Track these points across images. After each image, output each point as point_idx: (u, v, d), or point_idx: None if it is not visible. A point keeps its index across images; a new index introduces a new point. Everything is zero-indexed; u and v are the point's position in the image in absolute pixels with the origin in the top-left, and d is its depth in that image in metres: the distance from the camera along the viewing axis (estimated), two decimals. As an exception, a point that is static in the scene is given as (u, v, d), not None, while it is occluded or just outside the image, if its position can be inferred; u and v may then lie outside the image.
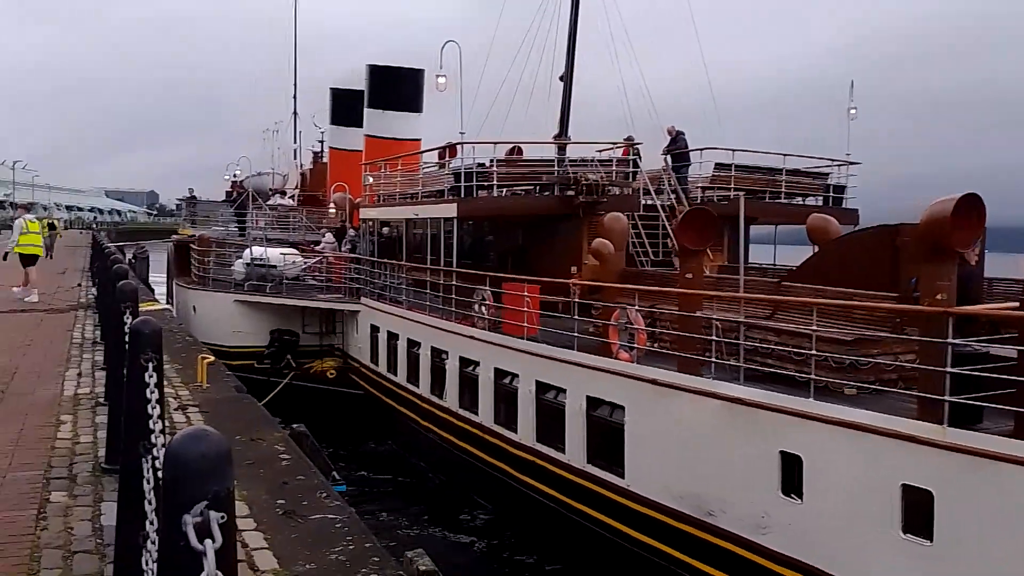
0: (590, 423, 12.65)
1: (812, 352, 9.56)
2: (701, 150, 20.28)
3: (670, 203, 19.31)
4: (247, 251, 24.99)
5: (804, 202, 21.40)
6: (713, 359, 10.69)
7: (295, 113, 51.60)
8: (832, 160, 21.18)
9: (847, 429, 8.89)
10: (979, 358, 8.39)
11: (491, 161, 18.99)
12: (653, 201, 19.44)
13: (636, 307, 12.23)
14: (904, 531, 8.40)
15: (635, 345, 12.01)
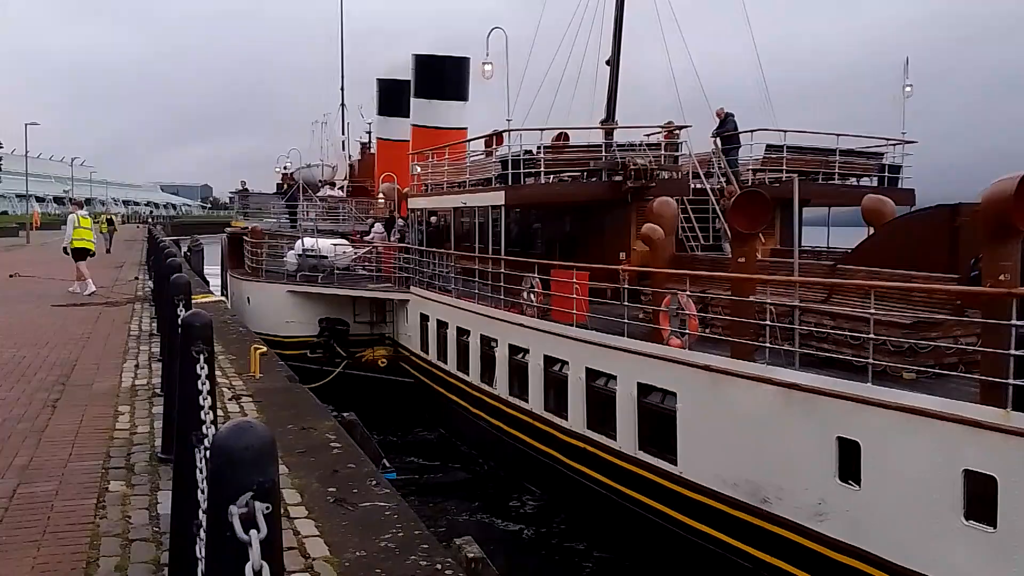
0: (641, 410, 12.57)
1: (870, 336, 9.36)
2: (751, 132, 19.94)
3: (720, 186, 19.05)
4: (299, 242, 25.32)
5: (858, 183, 20.99)
6: (767, 344, 10.54)
7: (343, 105, 52.05)
8: (887, 139, 20.72)
9: (907, 414, 8.69)
10: (1044, 340, 8.15)
11: (538, 148, 18.90)
12: (703, 185, 19.18)
13: (687, 292, 12.09)
14: (967, 518, 8.22)
15: (687, 331, 11.88)
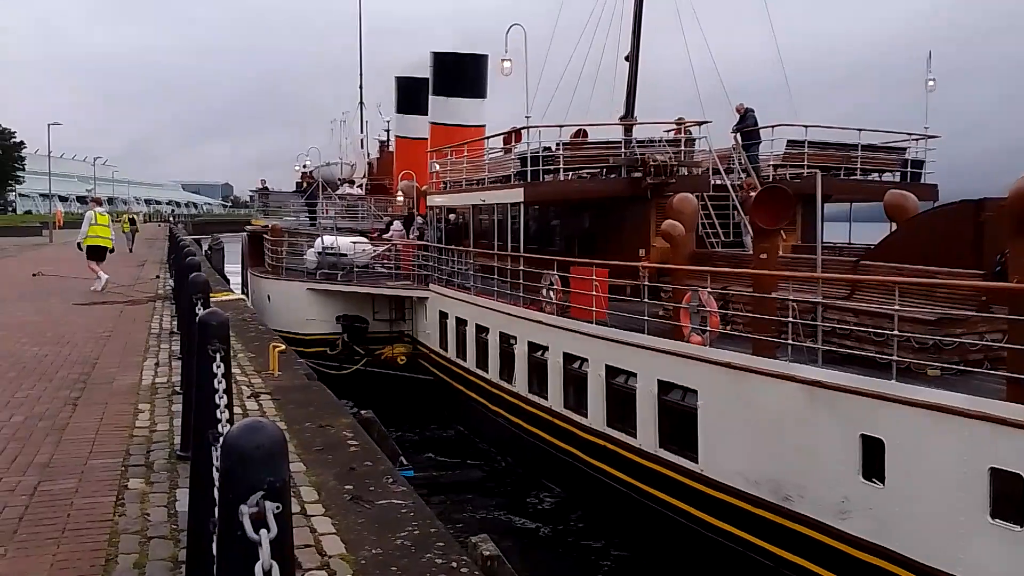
0: (662, 407, 12.49)
1: (894, 332, 9.24)
2: (772, 127, 19.79)
3: (739, 182, 18.91)
4: (318, 240, 25.39)
5: (880, 178, 20.77)
6: (790, 341, 10.43)
7: (361, 103, 52.21)
8: (909, 134, 20.49)
9: (933, 411, 8.58)
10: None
11: (557, 145, 18.83)
12: (723, 181, 19.04)
13: (708, 289, 12.00)
14: (993, 516, 8.10)
15: (708, 328, 11.79)
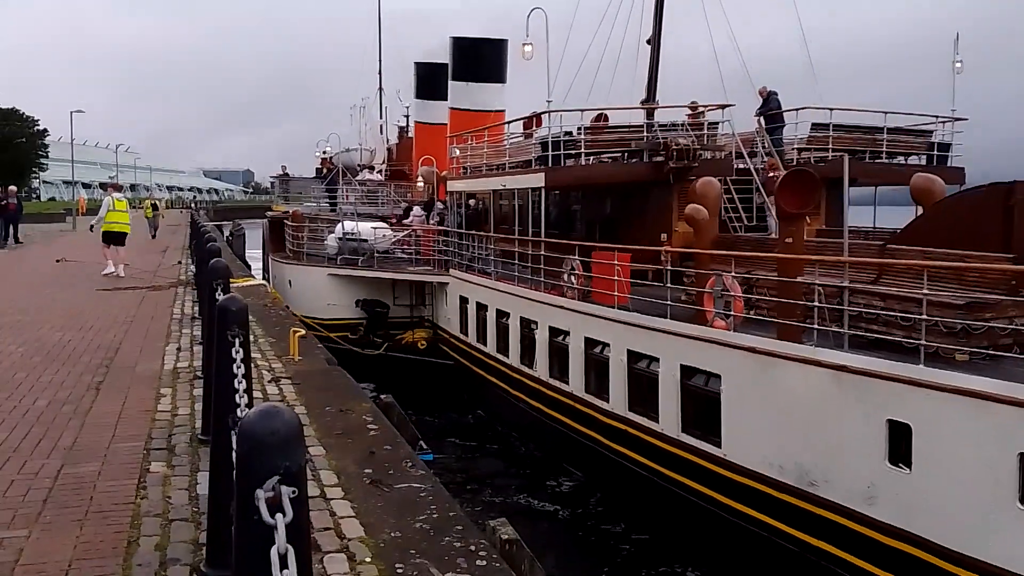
0: (684, 392, 12.41)
1: (922, 317, 9.10)
2: (797, 110, 19.54)
3: (762, 165, 18.70)
4: (339, 226, 25.41)
5: (906, 161, 20.48)
6: (816, 326, 10.31)
7: (380, 89, 52.07)
8: (936, 116, 20.18)
9: (960, 397, 8.46)
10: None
11: (578, 129, 18.70)
12: (746, 164, 18.85)
13: (732, 274, 11.88)
14: (1022, 502, 7.99)
15: (732, 313, 11.67)
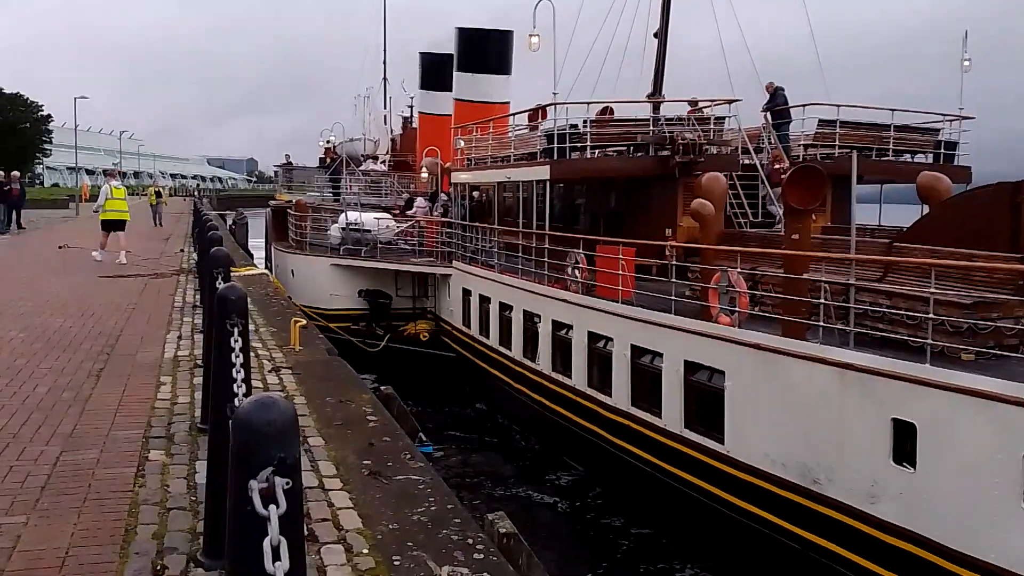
0: (688, 388, 12.35)
1: (929, 316, 9.02)
2: (803, 106, 19.44)
3: (767, 161, 18.62)
4: (342, 216, 25.33)
5: (913, 159, 20.39)
6: (821, 323, 10.24)
7: (384, 79, 51.90)
8: (943, 115, 20.08)
9: (966, 396, 8.39)
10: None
11: (584, 122, 18.61)
12: (751, 160, 18.76)
13: (738, 269, 11.80)
14: None
15: (737, 309, 11.60)
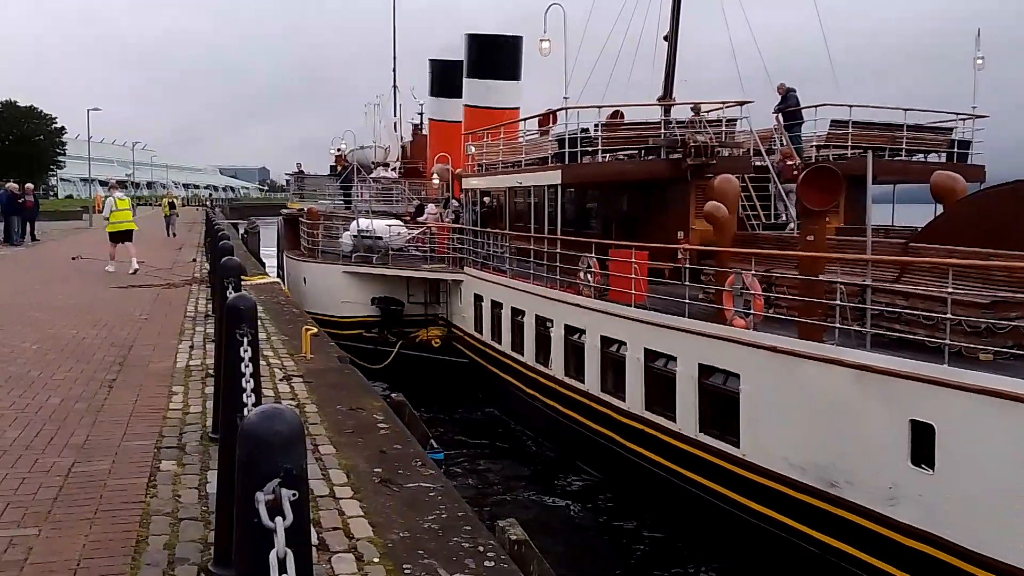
0: (702, 391, 12.25)
1: (947, 316, 8.91)
2: (815, 107, 19.33)
3: (778, 160, 18.50)
4: (354, 223, 25.35)
5: (926, 159, 20.24)
6: (837, 325, 10.13)
7: (395, 86, 51.89)
8: (956, 114, 19.93)
9: (985, 396, 8.28)
10: None
11: (595, 126, 18.55)
12: (764, 162, 18.65)
13: (752, 272, 11.71)
14: None
15: (752, 311, 11.51)
